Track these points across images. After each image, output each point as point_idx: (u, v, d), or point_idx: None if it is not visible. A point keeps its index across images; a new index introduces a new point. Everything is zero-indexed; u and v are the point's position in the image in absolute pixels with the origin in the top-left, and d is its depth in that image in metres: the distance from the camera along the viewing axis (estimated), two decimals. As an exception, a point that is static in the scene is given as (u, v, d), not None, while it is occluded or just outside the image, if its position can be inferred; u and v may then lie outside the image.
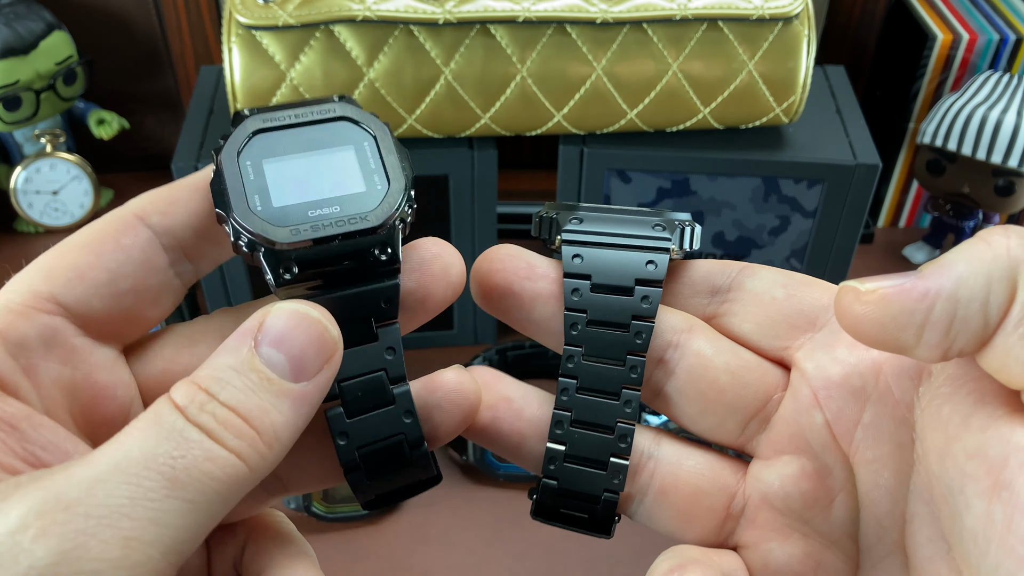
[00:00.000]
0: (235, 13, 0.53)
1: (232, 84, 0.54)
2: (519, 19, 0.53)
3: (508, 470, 0.60)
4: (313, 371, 0.20)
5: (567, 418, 0.24)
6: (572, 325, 0.24)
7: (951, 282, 0.18)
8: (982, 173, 0.71)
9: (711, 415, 0.24)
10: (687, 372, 0.24)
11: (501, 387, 0.25)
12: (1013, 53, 0.72)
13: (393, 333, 0.22)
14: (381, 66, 0.54)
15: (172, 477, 0.18)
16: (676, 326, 0.24)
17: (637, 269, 0.24)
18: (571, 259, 0.24)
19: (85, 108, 0.81)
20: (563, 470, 0.24)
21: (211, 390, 0.19)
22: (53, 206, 0.80)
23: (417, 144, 0.59)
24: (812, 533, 0.23)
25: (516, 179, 0.84)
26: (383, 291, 0.22)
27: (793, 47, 0.56)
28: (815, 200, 0.61)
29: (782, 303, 0.24)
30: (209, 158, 0.57)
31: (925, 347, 0.19)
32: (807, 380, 0.23)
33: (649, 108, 0.57)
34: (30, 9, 0.74)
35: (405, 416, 0.22)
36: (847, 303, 0.20)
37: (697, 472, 0.24)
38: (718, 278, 0.24)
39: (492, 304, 0.25)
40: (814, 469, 0.23)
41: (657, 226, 0.24)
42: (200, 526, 0.18)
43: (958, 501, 0.19)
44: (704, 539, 0.24)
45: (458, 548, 0.58)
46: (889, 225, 0.83)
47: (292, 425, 0.20)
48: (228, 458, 0.19)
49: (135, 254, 0.22)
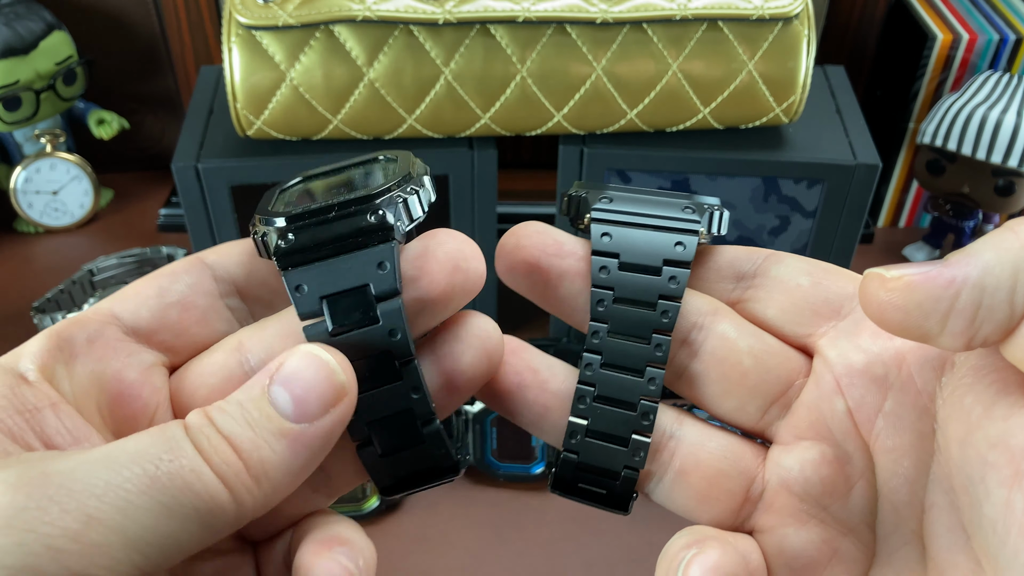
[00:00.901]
0: (235, 13, 0.53)
1: (232, 84, 0.54)
2: (519, 19, 0.53)
3: (508, 470, 0.60)
4: (316, 413, 0.20)
5: (590, 393, 0.24)
6: (599, 302, 0.24)
7: (977, 270, 0.18)
8: (982, 173, 0.71)
9: (732, 398, 0.24)
10: (710, 354, 0.24)
11: (528, 356, 0.25)
12: (1013, 53, 0.72)
13: (394, 308, 0.22)
14: (381, 66, 0.54)
15: (153, 476, 0.18)
16: (701, 308, 0.24)
17: (666, 249, 0.24)
18: (600, 237, 0.24)
19: (85, 108, 0.81)
20: (584, 444, 0.24)
21: (213, 417, 0.20)
22: (53, 206, 0.80)
23: (417, 144, 0.59)
24: (830, 520, 0.23)
25: (516, 179, 0.84)
26: (377, 254, 0.22)
27: (793, 47, 0.56)
28: (815, 200, 0.61)
29: (807, 290, 0.24)
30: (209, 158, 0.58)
31: (949, 335, 0.19)
32: (830, 367, 0.23)
33: (649, 108, 0.57)
34: (30, 9, 0.74)
35: (413, 392, 0.22)
36: (872, 289, 0.20)
37: (718, 454, 0.24)
38: (744, 264, 0.25)
39: (518, 280, 0.25)
40: (834, 456, 0.23)
41: (687, 208, 0.24)
42: (173, 538, 0.18)
43: (978, 490, 0.19)
44: (720, 522, 0.24)
45: (458, 548, 0.58)
46: (889, 225, 0.83)
47: (285, 465, 0.20)
48: (212, 479, 0.19)
49: (185, 277, 0.24)
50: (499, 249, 0.25)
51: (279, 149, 0.58)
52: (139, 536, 0.18)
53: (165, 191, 0.86)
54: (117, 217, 0.84)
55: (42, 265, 0.78)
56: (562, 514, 0.60)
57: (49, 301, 0.67)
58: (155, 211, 0.84)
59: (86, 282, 0.70)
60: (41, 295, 0.71)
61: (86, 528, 0.17)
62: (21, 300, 0.72)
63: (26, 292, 0.73)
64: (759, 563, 0.23)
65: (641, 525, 0.59)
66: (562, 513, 0.60)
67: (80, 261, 0.74)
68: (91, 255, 0.74)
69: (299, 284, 0.22)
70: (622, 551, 0.57)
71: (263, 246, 0.23)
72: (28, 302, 0.71)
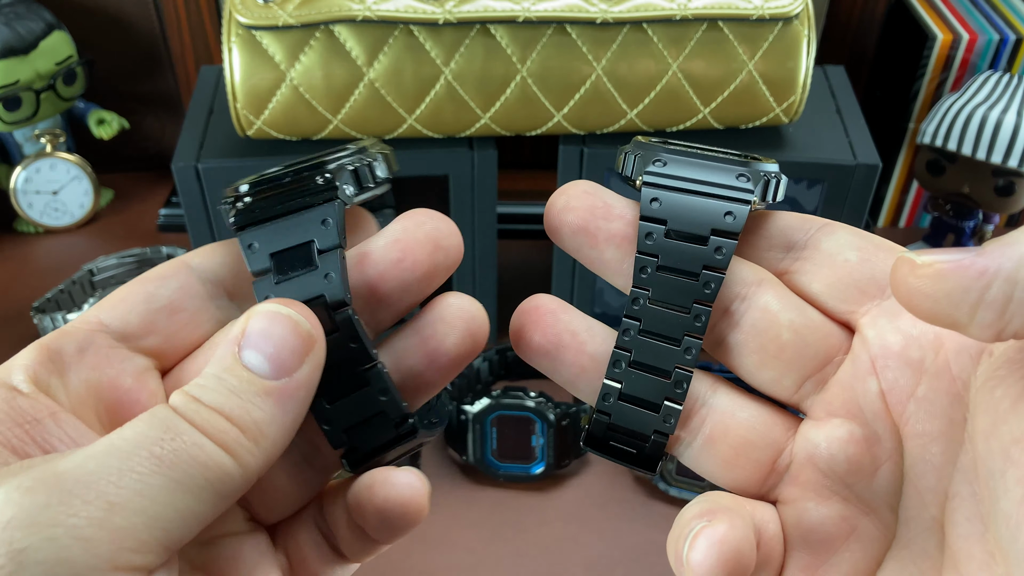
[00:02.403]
0: (235, 13, 0.53)
1: (232, 84, 0.54)
2: (519, 19, 0.53)
3: (508, 470, 0.60)
4: (293, 365, 0.21)
5: (626, 358, 0.24)
6: (642, 268, 0.24)
7: (1012, 262, 0.18)
8: (982, 173, 0.71)
9: (769, 370, 0.24)
10: (751, 325, 0.24)
11: (568, 318, 0.25)
12: (1013, 53, 0.72)
13: (334, 258, 0.23)
14: (381, 66, 0.54)
15: (160, 456, 0.19)
16: (746, 278, 0.24)
17: (715, 219, 0.23)
18: (649, 202, 0.24)
19: (85, 108, 0.81)
20: (617, 407, 0.24)
21: (196, 395, 0.20)
22: (53, 206, 0.80)
23: (417, 144, 0.59)
24: (852, 498, 0.23)
25: (516, 179, 0.84)
26: (321, 212, 0.23)
27: (793, 47, 0.56)
28: (815, 200, 0.61)
29: (854, 267, 0.23)
30: (209, 158, 0.58)
31: (978, 326, 0.19)
32: (867, 347, 0.23)
33: (649, 108, 0.57)
34: (30, 9, 0.74)
35: (351, 342, 0.23)
36: (902, 275, 0.19)
37: (748, 425, 0.24)
38: (796, 233, 0.24)
39: (564, 239, 0.25)
40: (863, 436, 0.23)
41: (742, 176, 0.24)
42: (191, 511, 0.19)
43: (998, 484, 0.19)
44: (745, 489, 0.24)
45: (458, 548, 0.58)
46: (889, 225, 0.83)
47: (278, 421, 0.21)
48: (214, 449, 0.19)
49: (172, 281, 0.24)
50: (548, 207, 0.25)
51: (279, 149, 0.58)
52: (160, 514, 0.18)
53: (165, 191, 0.86)
54: (117, 217, 0.84)
55: (42, 265, 0.78)
56: (562, 514, 0.60)
57: (49, 301, 0.67)
58: (155, 211, 0.84)
59: (86, 282, 0.70)
60: (41, 295, 0.71)
61: (109, 514, 0.18)
62: (21, 300, 0.72)
63: (26, 292, 0.73)
64: (775, 533, 0.23)
65: (642, 525, 0.59)
66: (562, 513, 0.60)
67: (80, 261, 0.74)
68: (91, 255, 0.75)
69: (251, 243, 0.23)
70: (622, 551, 0.57)
71: (224, 212, 0.23)
72: (28, 302, 0.71)
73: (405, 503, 0.23)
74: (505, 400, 0.59)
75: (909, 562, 0.23)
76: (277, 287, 0.22)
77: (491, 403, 0.59)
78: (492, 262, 0.64)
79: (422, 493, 0.23)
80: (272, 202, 0.23)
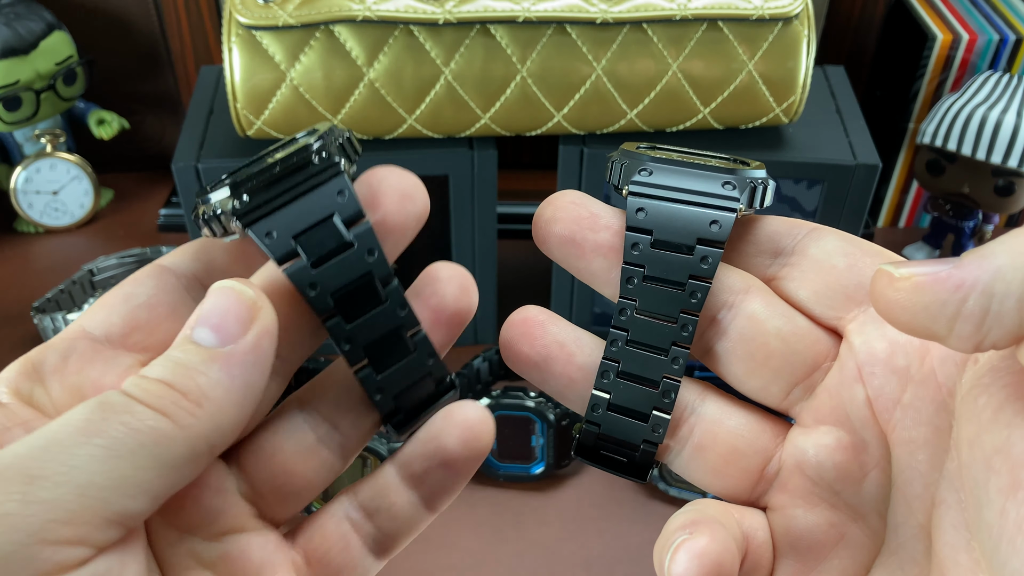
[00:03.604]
0: (235, 13, 0.53)
1: (232, 84, 0.54)
2: (519, 19, 0.53)
3: (508, 470, 0.60)
4: (238, 332, 0.21)
5: (615, 368, 0.24)
6: (628, 279, 0.24)
7: (988, 275, 0.18)
8: (982, 173, 0.71)
9: (757, 378, 0.24)
10: (738, 334, 0.24)
11: (556, 330, 0.25)
12: (1013, 53, 0.72)
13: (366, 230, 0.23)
14: (381, 66, 0.54)
15: (85, 428, 0.19)
16: (733, 286, 0.24)
17: (700, 228, 0.23)
18: (635, 213, 0.24)
19: (85, 108, 0.81)
20: (606, 418, 0.24)
21: (143, 372, 0.21)
22: (53, 206, 0.80)
23: (417, 144, 0.59)
24: (840, 505, 0.23)
25: (516, 179, 0.84)
26: (333, 186, 0.23)
27: (793, 47, 0.56)
28: (815, 200, 0.61)
29: (842, 272, 0.23)
30: (209, 158, 0.58)
31: (956, 338, 0.19)
32: (853, 353, 0.23)
33: (649, 108, 0.57)
34: (30, 9, 0.74)
35: (399, 308, 0.23)
36: (881, 287, 0.19)
37: (737, 433, 0.24)
38: (784, 239, 0.24)
39: (552, 251, 0.25)
40: (850, 442, 0.23)
41: (727, 183, 0.24)
42: (129, 479, 0.19)
43: (980, 493, 0.19)
44: (735, 496, 0.24)
45: (458, 548, 0.58)
46: (889, 225, 0.83)
47: (223, 384, 0.21)
48: (144, 411, 0.19)
49: (148, 281, 0.24)
50: (536, 218, 0.25)
51: (279, 149, 0.58)
52: (90, 482, 0.18)
53: (165, 191, 0.86)
54: (117, 217, 0.84)
55: (42, 265, 0.78)
56: (562, 514, 0.60)
57: (49, 301, 0.67)
58: (155, 211, 0.84)
59: (86, 282, 0.70)
60: (41, 295, 0.71)
61: (32, 487, 0.18)
62: (21, 300, 0.72)
63: (26, 292, 0.73)
64: (764, 539, 0.24)
65: (641, 524, 0.59)
66: (562, 513, 0.60)
67: (80, 261, 0.74)
68: (91, 255, 0.75)
69: (268, 231, 0.23)
70: (622, 550, 0.57)
71: (215, 222, 0.23)
72: (28, 302, 0.71)
73: (482, 420, 0.24)
74: (505, 400, 0.59)
75: (897, 568, 0.23)
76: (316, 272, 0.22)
77: (491, 403, 0.59)
78: (492, 262, 0.64)
79: (489, 415, 0.24)
80: (273, 192, 0.23)
